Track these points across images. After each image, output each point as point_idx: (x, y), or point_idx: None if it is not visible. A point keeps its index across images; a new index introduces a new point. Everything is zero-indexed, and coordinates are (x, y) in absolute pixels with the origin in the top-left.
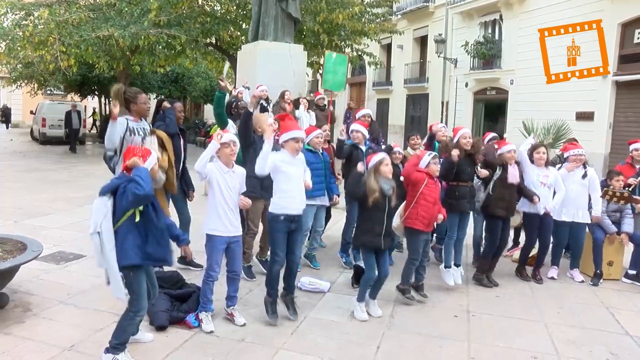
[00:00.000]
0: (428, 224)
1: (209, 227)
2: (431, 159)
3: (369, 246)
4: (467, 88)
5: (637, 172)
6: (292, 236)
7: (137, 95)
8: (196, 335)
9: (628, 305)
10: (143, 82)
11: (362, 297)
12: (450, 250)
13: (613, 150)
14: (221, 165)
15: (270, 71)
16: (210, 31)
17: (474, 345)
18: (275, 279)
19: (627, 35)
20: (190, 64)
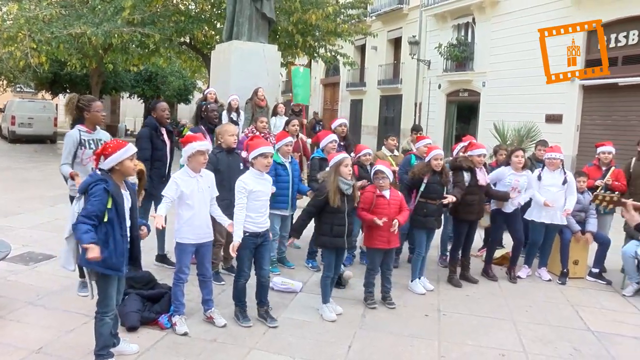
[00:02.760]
0: (387, 241)
1: (179, 235)
2: (373, 175)
3: (331, 247)
4: (440, 90)
5: (602, 174)
6: (259, 252)
7: (91, 103)
8: (168, 336)
9: (591, 302)
10: (116, 81)
11: (327, 299)
12: (417, 265)
13: (580, 152)
14: (189, 170)
15: (244, 71)
16: (185, 30)
17: (444, 343)
18: (241, 293)
19: (592, 40)
20: (164, 62)
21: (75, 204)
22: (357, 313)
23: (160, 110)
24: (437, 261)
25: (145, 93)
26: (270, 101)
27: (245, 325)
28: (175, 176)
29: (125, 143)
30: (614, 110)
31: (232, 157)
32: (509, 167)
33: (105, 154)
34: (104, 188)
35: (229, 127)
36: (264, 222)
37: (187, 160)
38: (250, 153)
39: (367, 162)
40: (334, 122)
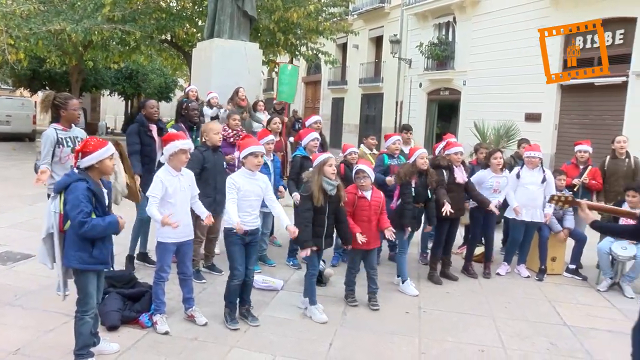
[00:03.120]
0: (368, 242)
1: (160, 235)
2: (355, 174)
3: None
4: (421, 88)
5: (580, 172)
6: (247, 250)
7: (67, 101)
8: (149, 335)
9: (567, 298)
10: (96, 78)
11: (314, 299)
12: (404, 265)
13: (558, 151)
14: (170, 169)
15: (226, 69)
16: (166, 27)
17: (425, 340)
18: (234, 294)
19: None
20: (145, 60)
21: (51, 203)
22: (338, 311)
23: (149, 107)
24: (418, 259)
25: (125, 91)
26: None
27: (232, 327)
28: (158, 175)
29: (106, 142)
30: (590, 109)
31: (217, 155)
32: (489, 170)
33: (86, 151)
34: (87, 187)
35: (214, 126)
36: (254, 222)
37: (169, 159)
38: (241, 152)
39: (353, 161)
40: (308, 119)
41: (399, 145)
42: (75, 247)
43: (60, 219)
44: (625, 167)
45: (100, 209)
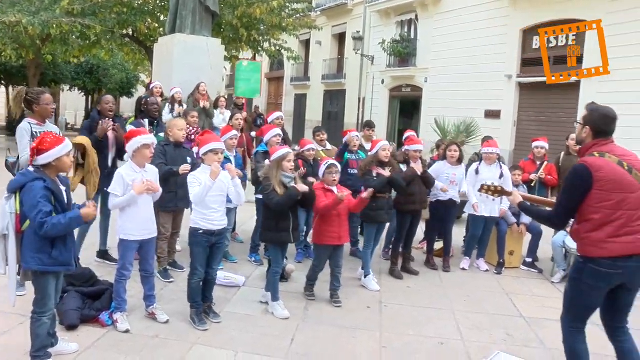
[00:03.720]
0: (338, 237)
1: (123, 232)
2: (326, 169)
3: (277, 242)
4: (383, 85)
5: (537, 168)
6: (212, 251)
7: (40, 96)
8: (109, 333)
9: (524, 290)
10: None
11: (277, 296)
12: (369, 260)
13: (517, 147)
14: (133, 165)
15: (187, 65)
16: (127, 22)
17: (386, 334)
18: (196, 292)
19: (527, 41)
20: (106, 55)
21: (5, 203)
22: (300, 306)
23: (104, 103)
24: (381, 254)
25: (86, 86)
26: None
27: (201, 328)
28: (120, 172)
29: (63, 139)
30: (546, 107)
31: (179, 151)
32: (445, 162)
33: (42, 149)
34: (45, 186)
35: (178, 122)
36: (219, 220)
37: (132, 155)
38: (200, 149)
39: (310, 157)
40: (270, 115)
41: (357, 142)
42: (34, 248)
43: (17, 220)
44: None
45: (60, 207)
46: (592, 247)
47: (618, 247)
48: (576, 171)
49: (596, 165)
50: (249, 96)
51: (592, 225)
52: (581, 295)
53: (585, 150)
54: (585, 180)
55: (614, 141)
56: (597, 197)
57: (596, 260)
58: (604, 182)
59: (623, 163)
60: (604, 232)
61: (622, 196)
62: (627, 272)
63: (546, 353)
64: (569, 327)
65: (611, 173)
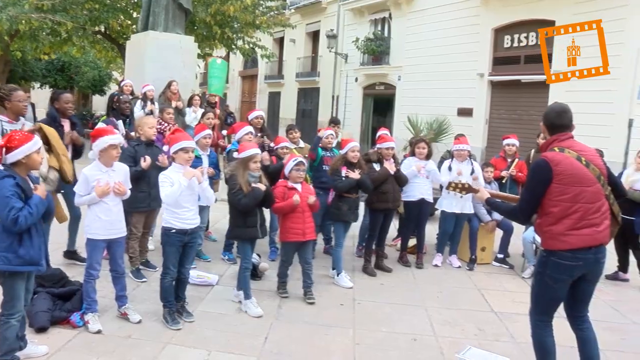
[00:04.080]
0: (302, 233)
1: (90, 231)
2: (294, 165)
3: (246, 238)
4: (356, 83)
5: (508, 165)
6: (185, 250)
7: (13, 92)
8: (81, 335)
9: (495, 286)
10: (25, 70)
11: (249, 293)
12: (340, 258)
13: (489, 145)
14: (99, 165)
15: (160, 62)
16: (99, 19)
17: (359, 331)
18: (168, 292)
19: (499, 40)
20: (77, 52)
21: None
22: (274, 304)
23: (63, 101)
24: (354, 252)
25: (57, 83)
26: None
27: (174, 328)
28: (85, 172)
29: (32, 136)
30: (518, 105)
31: (151, 149)
32: (414, 158)
33: (11, 147)
34: (15, 183)
35: (148, 120)
36: (192, 219)
37: (99, 155)
38: (170, 147)
39: (284, 155)
40: (251, 113)
41: (332, 139)
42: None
43: None
44: None
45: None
46: (553, 240)
47: (577, 240)
48: (537, 166)
49: (555, 159)
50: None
51: (552, 219)
52: (546, 288)
53: (545, 146)
54: (545, 174)
55: (573, 137)
56: (556, 191)
57: (557, 253)
58: (562, 176)
59: (581, 158)
60: (564, 225)
61: (579, 189)
62: (586, 264)
63: (516, 347)
64: (536, 320)
65: (569, 167)
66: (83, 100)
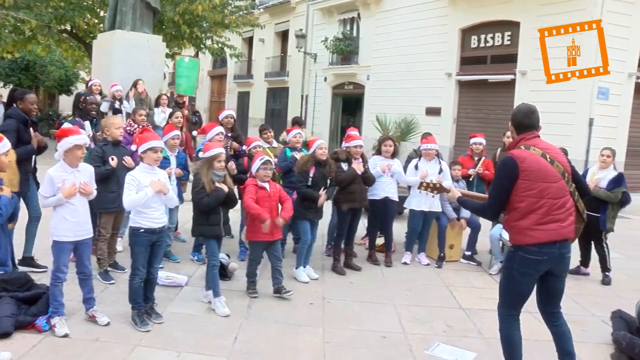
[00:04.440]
0: (271, 233)
1: (56, 233)
2: (261, 164)
3: (208, 235)
4: (326, 82)
5: (475, 163)
6: (153, 249)
7: None
8: (47, 339)
9: (463, 283)
10: None
11: (218, 291)
12: (302, 254)
13: (457, 143)
14: (64, 165)
15: (128, 62)
16: (65, 17)
17: (329, 330)
18: (137, 294)
19: (466, 40)
20: (42, 51)
21: None
22: (243, 304)
23: (29, 102)
24: (323, 251)
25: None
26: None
27: (143, 329)
28: (50, 172)
29: (2, 138)
30: (485, 104)
31: (118, 150)
32: (379, 157)
33: None
34: None
35: (115, 120)
36: (160, 218)
37: (63, 155)
38: (139, 147)
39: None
40: (221, 113)
41: (300, 139)
42: None
43: None
44: None
45: None
46: (519, 235)
47: (543, 235)
48: (503, 163)
49: (521, 156)
50: (188, 93)
51: (519, 214)
52: (514, 283)
53: (512, 145)
54: (512, 171)
55: (539, 136)
56: (522, 187)
57: (524, 247)
58: (528, 172)
59: (546, 155)
60: (530, 220)
61: (544, 185)
62: (551, 258)
63: (483, 342)
64: (504, 315)
65: (534, 163)
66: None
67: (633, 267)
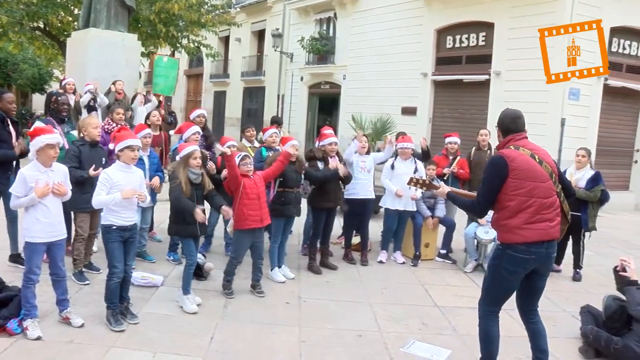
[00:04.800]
0: (260, 219)
1: (29, 234)
2: (240, 161)
3: (186, 234)
4: (302, 82)
5: (450, 162)
6: (126, 246)
7: None
8: (18, 342)
9: (438, 281)
10: None
11: (188, 290)
12: (275, 254)
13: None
14: (38, 165)
15: (102, 61)
16: (37, 14)
17: (305, 329)
18: (114, 293)
19: (441, 40)
20: (14, 48)
21: None
22: (219, 304)
23: (7, 101)
24: (299, 250)
25: None
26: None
27: (117, 329)
28: (22, 171)
29: None
30: (460, 104)
31: (95, 150)
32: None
33: None
34: None
35: (91, 120)
36: (131, 217)
37: (36, 154)
38: (116, 145)
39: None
40: (193, 112)
41: (276, 138)
42: None
43: None
44: (487, 157)
45: None
46: (509, 233)
47: (532, 234)
48: (493, 161)
49: (511, 156)
50: (166, 93)
51: (508, 213)
52: (501, 280)
53: (502, 145)
54: (502, 169)
55: (527, 138)
56: (512, 185)
57: (513, 246)
58: (518, 171)
59: (535, 156)
60: (519, 219)
61: (533, 184)
62: (539, 258)
63: (458, 339)
64: (485, 311)
65: (524, 163)
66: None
67: (602, 264)
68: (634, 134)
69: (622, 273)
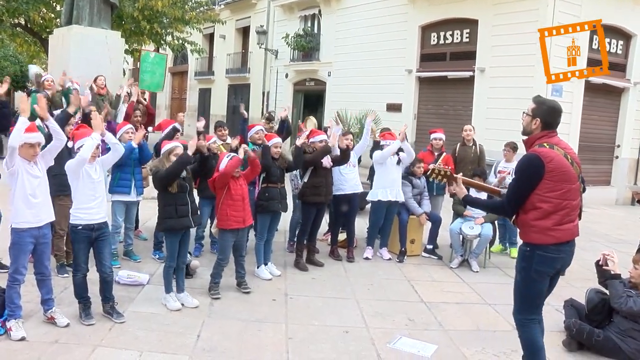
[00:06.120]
0: (243, 220)
1: (16, 220)
2: (229, 160)
3: (178, 228)
4: (287, 79)
5: (435, 158)
6: (98, 247)
7: None
8: (2, 343)
9: (424, 276)
10: None
11: (170, 288)
12: (261, 251)
13: (417, 139)
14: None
15: (85, 58)
16: (18, 10)
17: (292, 326)
18: (81, 288)
19: (425, 37)
20: None
21: None
22: (206, 302)
23: None
24: (285, 247)
25: None
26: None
27: (87, 323)
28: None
29: None
30: (444, 100)
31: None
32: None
33: None
34: None
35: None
36: (99, 214)
37: (18, 150)
38: (75, 143)
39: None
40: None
41: (262, 135)
42: None
43: None
44: (472, 153)
45: None
46: (540, 234)
47: (562, 234)
48: (530, 160)
49: (548, 156)
50: (152, 90)
51: (540, 214)
52: (533, 283)
53: (532, 141)
54: (539, 170)
55: (557, 134)
56: (546, 187)
57: (543, 247)
58: (554, 173)
59: (567, 156)
60: (552, 221)
61: (568, 187)
62: (566, 257)
63: (444, 334)
64: (523, 320)
65: (560, 164)
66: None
67: (585, 258)
68: (614, 130)
69: (605, 267)
